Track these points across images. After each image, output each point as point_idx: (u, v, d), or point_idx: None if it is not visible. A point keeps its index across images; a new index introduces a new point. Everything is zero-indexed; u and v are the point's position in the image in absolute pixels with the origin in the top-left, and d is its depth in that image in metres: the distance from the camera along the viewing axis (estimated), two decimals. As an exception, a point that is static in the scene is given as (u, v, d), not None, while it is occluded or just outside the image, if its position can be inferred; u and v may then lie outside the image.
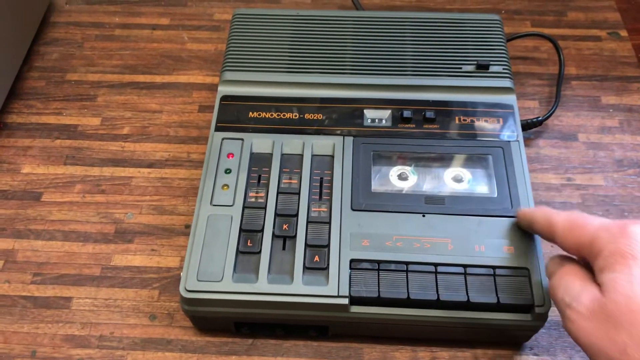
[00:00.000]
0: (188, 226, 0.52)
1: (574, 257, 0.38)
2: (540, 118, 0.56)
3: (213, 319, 0.44)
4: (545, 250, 0.50)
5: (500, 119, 0.51)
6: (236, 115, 0.52)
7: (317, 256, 0.44)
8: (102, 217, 0.52)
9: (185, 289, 0.43)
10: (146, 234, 0.51)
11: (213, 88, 0.61)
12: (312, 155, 0.49)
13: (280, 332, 0.45)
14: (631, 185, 0.54)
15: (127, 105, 0.60)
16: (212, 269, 0.43)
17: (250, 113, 0.52)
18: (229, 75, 0.54)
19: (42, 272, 0.49)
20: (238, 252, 0.44)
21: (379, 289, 0.42)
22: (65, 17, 0.68)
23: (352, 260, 0.44)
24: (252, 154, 0.50)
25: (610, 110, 0.59)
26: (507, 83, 0.53)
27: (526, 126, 0.56)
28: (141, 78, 0.62)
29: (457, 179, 0.48)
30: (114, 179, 0.55)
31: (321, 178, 0.48)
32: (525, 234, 0.45)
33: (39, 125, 0.59)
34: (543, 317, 0.42)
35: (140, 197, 0.54)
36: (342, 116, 0.51)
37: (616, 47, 0.64)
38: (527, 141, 0.57)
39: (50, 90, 0.62)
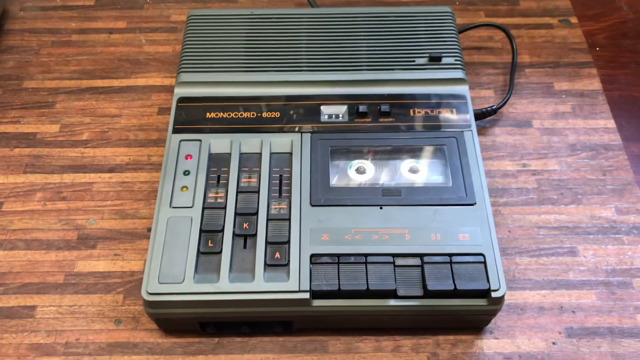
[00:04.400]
0: (150, 229, 0.52)
1: None
2: (495, 107, 0.57)
3: (177, 320, 0.45)
4: (500, 236, 0.51)
5: (454, 110, 0.52)
6: (193, 116, 0.52)
7: (277, 253, 0.45)
8: (64, 224, 0.52)
9: (147, 291, 0.43)
10: (109, 238, 0.51)
11: (172, 90, 0.61)
12: (271, 153, 0.50)
13: (245, 329, 0.46)
14: (584, 168, 0.55)
15: (86, 111, 0.60)
16: (173, 271, 0.44)
17: (208, 114, 0.52)
18: (185, 77, 0.54)
19: (4, 282, 0.49)
20: (199, 252, 0.45)
21: (339, 282, 0.43)
22: (20, 24, 0.68)
23: (312, 255, 0.44)
24: (210, 155, 0.50)
25: (563, 96, 0.61)
26: (459, 74, 0.54)
27: (481, 115, 0.57)
28: (99, 83, 0.62)
29: (412, 170, 0.49)
30: (75, 185, 0.55)
31: (280, 175, 0.49)
32: (479, 221, 0.46)
33: (-3, 135, 0.58)
34: (499, 301, 0.43)
35: (101, 203, 0.54)
36: (300, 113, 0.52)
37: (567, 34, 0.66)
38: (483, 130, 0.58)
39: (7, 99, 0.61)
